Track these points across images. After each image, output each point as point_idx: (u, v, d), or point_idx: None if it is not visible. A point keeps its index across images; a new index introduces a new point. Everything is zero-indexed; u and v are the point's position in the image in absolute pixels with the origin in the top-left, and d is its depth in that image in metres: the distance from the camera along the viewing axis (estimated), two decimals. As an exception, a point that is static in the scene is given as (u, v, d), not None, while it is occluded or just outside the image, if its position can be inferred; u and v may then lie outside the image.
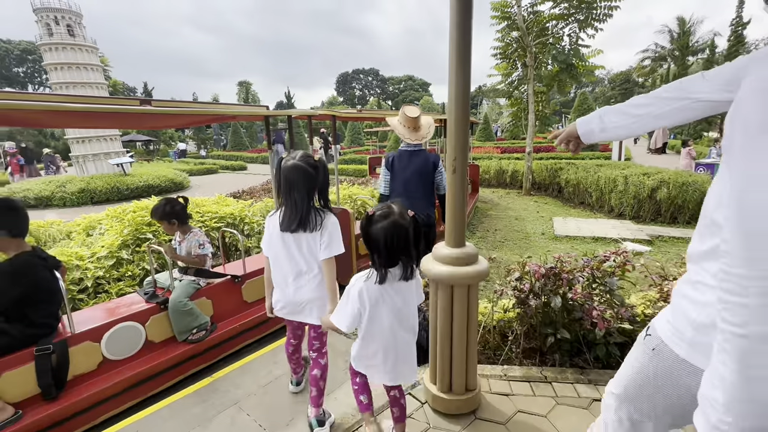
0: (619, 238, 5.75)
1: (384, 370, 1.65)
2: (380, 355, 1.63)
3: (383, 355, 1.63)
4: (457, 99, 1.81)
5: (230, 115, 2.81)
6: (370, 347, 1.65)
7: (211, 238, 4.13)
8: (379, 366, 1.65)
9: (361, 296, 1.55)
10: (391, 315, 1.60)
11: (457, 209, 1.92)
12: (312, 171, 1.77)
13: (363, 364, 1.71)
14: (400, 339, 1.63)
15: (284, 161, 1.77)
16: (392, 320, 1.60)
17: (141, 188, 11.51)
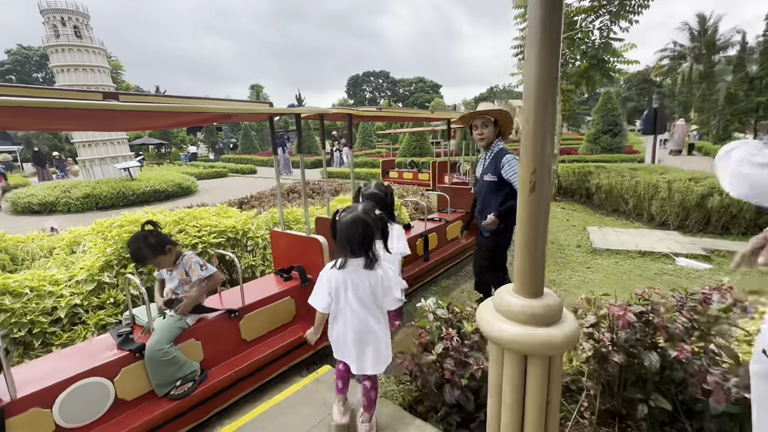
0: (671, 253, 5.07)
1: (351, 357, 1.85)
2: (349, 341, 1.83)
3: (352, 340, 1.82)
4: (538, 83, 1.23)
5: (225, 114, 2.27)
6: (335, 328, 1.89)
7: (207, 256, 3.61)
8: (351, 352, 1.85)
9: (329, 280, 1.83)
10: (354, 299, 1.80)
11: (533, 241, 1.34)
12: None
13: (339, 350, 1.93)
14: (365, 324, 1.81)
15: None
16: (357, 305, 1.80)
17: (147, 193, 11.16)
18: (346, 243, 1.77)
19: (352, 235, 1.75)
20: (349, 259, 1.80)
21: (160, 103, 1.87)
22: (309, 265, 2.99)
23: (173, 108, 1.86)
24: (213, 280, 2.39)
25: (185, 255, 2.35)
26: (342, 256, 1.81)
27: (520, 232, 1.36)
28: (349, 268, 1.80)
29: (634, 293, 2.19)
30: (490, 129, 2.95)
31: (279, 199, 3.15)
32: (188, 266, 2.32)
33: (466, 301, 3.72)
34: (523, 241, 1.36)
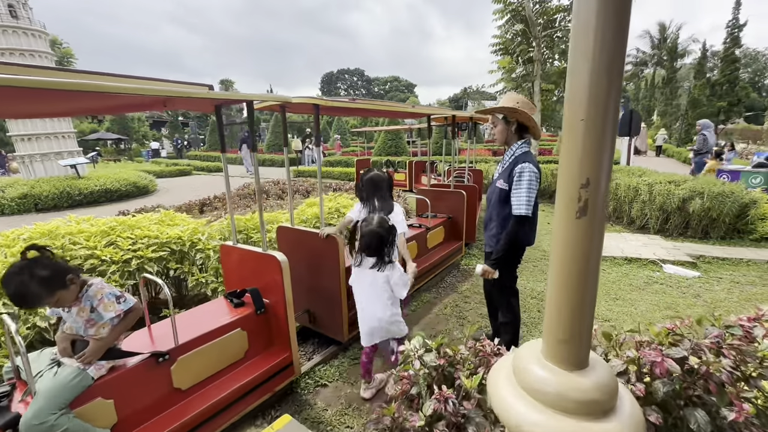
0: (657, 260, 4.87)
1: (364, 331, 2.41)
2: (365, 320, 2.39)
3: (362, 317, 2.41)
4: (597, 62, 0.79)
5: (155, 98, 1.72)
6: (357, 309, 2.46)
7: (145, 273, 3.00)
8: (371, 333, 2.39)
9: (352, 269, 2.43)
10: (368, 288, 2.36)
11: (579, 286, 0.90)
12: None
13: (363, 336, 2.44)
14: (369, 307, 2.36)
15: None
16: (368, 292, 2.36)
17: (97, 193, 10.11)
18: (365, 248, 2.27)
19: (369, 243, 2.25)
20: (366, 259, 2.30)
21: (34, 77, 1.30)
22: (265, 287, 2.46)
23: (52, 84, 1.30)
24: (131, 316, 1.82)
25: (92, 285, 1.77)
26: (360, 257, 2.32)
27: (557, 271, 0.92)
28: (363, 267, 2.32)
29: (666, 328, 1.80)
30: (501, 128, 2.46)
31: (229, 205, 2.59)
32: (96, 300, 1.74)
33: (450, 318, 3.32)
34: (561, 284, 0.92)
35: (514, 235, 2.34)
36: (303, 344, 3.20)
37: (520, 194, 2.29)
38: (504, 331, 2.72)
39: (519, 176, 2.30)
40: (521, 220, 2.30)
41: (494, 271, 2.46)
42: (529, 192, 2.27)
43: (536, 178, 2.31)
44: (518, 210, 2.29)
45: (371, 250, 2.26)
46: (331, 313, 2.94)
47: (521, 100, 2.41)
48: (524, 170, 2.29)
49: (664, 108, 24.01)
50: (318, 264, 2.93)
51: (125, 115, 30.10)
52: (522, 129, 2.45)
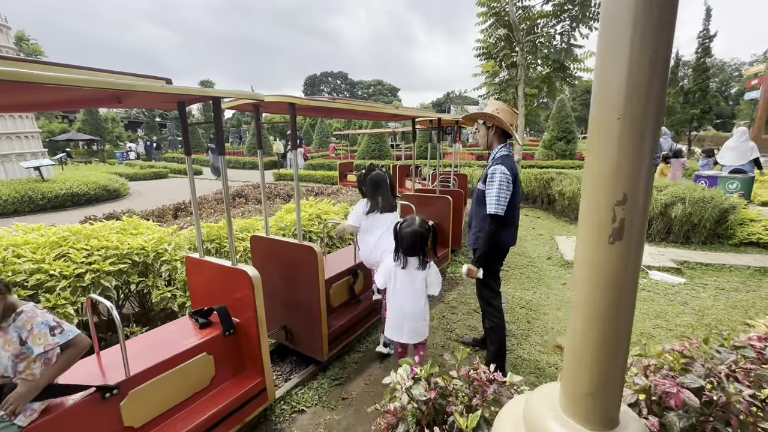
0: (643, 266, 4.83)
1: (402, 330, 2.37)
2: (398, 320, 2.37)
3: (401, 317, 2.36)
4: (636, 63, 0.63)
5: (108, 92, 1.48)
6: (390, 311, 2.40)
7: (102, 290, 2.70)
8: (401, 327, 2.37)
9: (388, 270, 2.39)
10: (406, 290, 2.34)
11: (610, 327, 0.72)
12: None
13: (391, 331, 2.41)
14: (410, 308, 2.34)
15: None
16: (407, 295, 2.34)
17: (62, 197, 9.51)
18: (410, 249, 2.29)
19: (413, 243, 2.27)
20: (410, 260, 2.32)
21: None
22: (235, 305, 2.21)
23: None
24: (71, 352, 1.55)
25: (23, 311, 1.50)
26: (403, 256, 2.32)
27: (583, 306, 0.74)
28: (410, 268, 2.33)
29: (674, 350, 1.67)
30: (482, 133, 2.61)
31: (195, 212, 2.33)
32: (26, 330, 1.47)
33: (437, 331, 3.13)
34: (587, 323, 0.74)
35: (491, 234, 2.42)
36: (279, 363, 2.96)
37: (491, 194, 2.39)
38: (489, 339, 2.68)
39: (491, 177, 2.42)
40: (494, 218, 2.39)
41: (478, 269, 2.51)
42: (500, 192, 2.36)
43: (507, 179, 2.38)
44: (489, 208, 2.38)
45: (415, 250, 2.29)
46: (309, 329, 2.71)
47: (501, 107, 2.55)
48: (496, 171, 2.40)
49: (640, 115, 24.68)
50: (295, 276, 2.70)
51: (98, 115, 28.94)
52: (505, 134, 2.58)
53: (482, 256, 2.47)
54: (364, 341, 3.22)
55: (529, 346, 3.14)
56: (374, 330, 3.38)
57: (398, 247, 2.30)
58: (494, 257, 2.58)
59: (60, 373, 1.53)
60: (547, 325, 3.49)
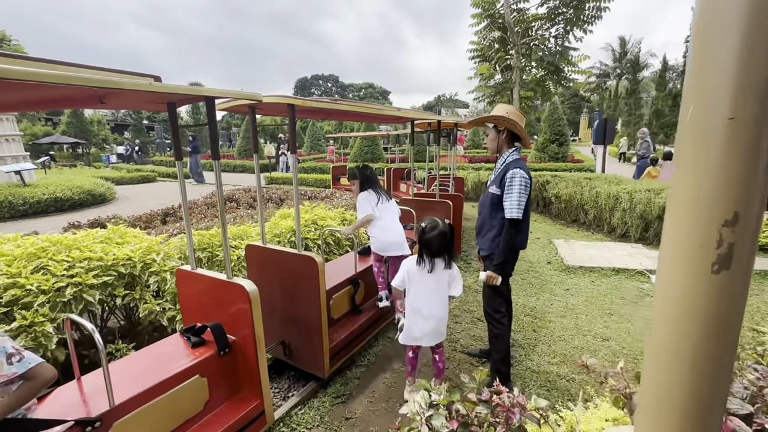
0: (645, 270, 4.78)
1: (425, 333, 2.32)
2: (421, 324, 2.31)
3: (424, 321, 2.30)
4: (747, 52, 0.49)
5: (88, 92, 1.32)
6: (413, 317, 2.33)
7: (85, 305, 2.50)
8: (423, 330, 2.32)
9: (411, 273, 2.31)
10: (433, 293, 2.30)
11: (704, 377, 0.59)
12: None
13: (410, 336, 2.36)
14: (435, 310, 2.30)
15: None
16: (434, 298, 2.30)
17: (45, 202, 9.16)
18: (437, 250, 2.25)
19: (441, 245, 2.23)
20: (436, 262, 2.27)
21: None
22: (231, 321, 2.05)
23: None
24: (30, 386, 1.36)
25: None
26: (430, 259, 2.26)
27: (671, 350, 0.61)
28: (437, 270, 2.27)
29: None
30: (492, 136, 2.54)
31: (186, 221, 2.16)
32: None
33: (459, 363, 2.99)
34: (673, 374, 0.62)
35: (510, 239, 2.36)
36: (276, 379, 2.79)
37: (512, 198, 2.32)
38: (495, 346, 2.59)
39: (510, 181, 2.34)
40: (513, 222, 2.33)
41: (498, 276, 2.44)
42: (520, 196, 2.31)
43: (526, 183, 2.34)
44: (510, 213, 2.32)
45: (442, 251, 2.28)
46: (309, 344, 2.56)
47: (510, 110, 2.46)
48: (515, 176, 2.33)
49: (628, 118, 25.09)
50: (294, 288, 2.55)
51: (84, 117, 28.29)
52: (513, 138, 2.52)
53: (503, 262, 2.40)
54: (366, 354, 3.07)
55: (537, 356, 3.02)
56: (376, 342, 3.23)
57: (424, 251, 2.26)
58: (510, 262, 2.53)
59: (17, 406, 1.34)
60: (554, 333, 3.38)
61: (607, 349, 3.12)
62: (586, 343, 3.21)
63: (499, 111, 2.44)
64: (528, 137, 2.52)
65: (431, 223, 2.27)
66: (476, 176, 10.30)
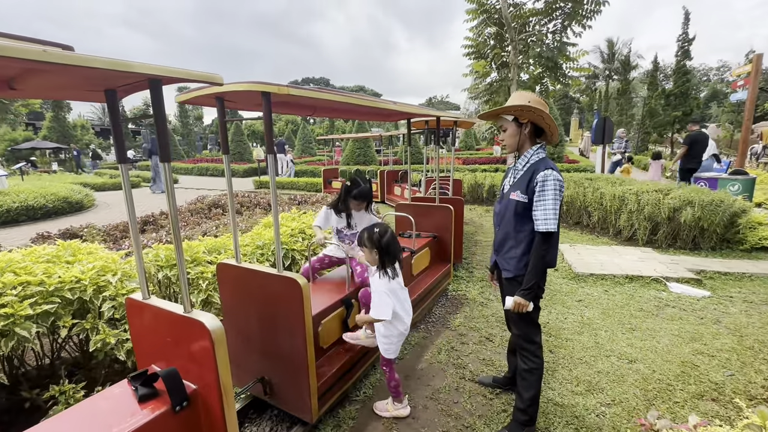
0: (660, 278, 4.43)
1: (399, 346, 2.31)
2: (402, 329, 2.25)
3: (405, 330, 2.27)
4: None
5: None
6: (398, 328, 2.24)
7: (18, 341, 2.04)
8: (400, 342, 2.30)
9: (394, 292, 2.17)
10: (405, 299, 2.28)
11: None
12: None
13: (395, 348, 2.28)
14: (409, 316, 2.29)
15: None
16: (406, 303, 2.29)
17: (16, 211, 8.57)
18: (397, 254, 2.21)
19: (398, 247, 2.22)
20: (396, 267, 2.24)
21: None
22: (190, 366, 1.62)
23: None
24: None
25: None
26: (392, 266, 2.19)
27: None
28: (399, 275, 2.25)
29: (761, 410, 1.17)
30: (511, 131, 2.07)
31: (134, 236, 1.72)
32: None
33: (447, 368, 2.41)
34: None
35: (543, 256, 1.94)
36: (256, 421, 2.36)
37: (546, 206, 1.91)
38: (526, 383, 2.12)
39: (542, 185, 1.92)
40: (547, 236, 1.93)
41: (529, 303, 1.98)
42: (555, 204, 1.91)
43: (561, 188, 1.94)
44: (545, 225, 1.90)
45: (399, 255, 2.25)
46: (293, 382, 2.13)
47: (533, 98, 2.01)
48: (548, 178, 1.92)
49: (620, 117, 25.10)
50: (274, 314, 2.13)
51: (66, 121, 27.42)
52: (536, 132, 2.08)
53: (536, 285, 1.95)
54: (362, 386, 2.65)
55: (558, 384, 2.63)
56: (373, 371, 2.82)
57: (389, 259, 2.17)
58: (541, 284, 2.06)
59: None
60: (574, 354, 3.00)
61: (636, 373, 2.74)
62: (611, 366, 2.83)
63: (519, 99, 1.99)
64: (557, 130, 2.09)
65: (382, 229, 2.19)
66: (472, 178, 9.95)
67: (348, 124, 31.93)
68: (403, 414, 2.35)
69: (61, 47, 1.08)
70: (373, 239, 2.15)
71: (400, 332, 2.26)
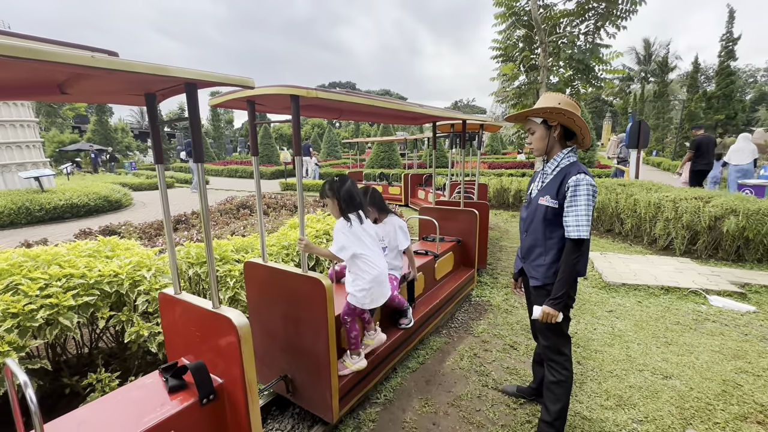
0: (700, 290, 4.19)
1: (381, 294, 2.35)
2: (377, 275, 2.28)
3: (379, 274, 2.30)
4: None
5: None
6: (370, 272, 2.26)
7: (61, 329, 2.17)
8: (379, 291, 2.33)
9: (354, 234, 2.23)
10: (372, 245, 2.30)
11: None
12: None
13: (372, 298, 2.31)
14: (383, 264, 2.34)
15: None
16: (375, 248, 2.33)
17: (61, 208, 9.14)
18: (356, 200, 2.32)
19: (357, 193, 2.34)
20: (361, 214, 2.36)
21: None
22: (217, 360, 1.67)
23: None
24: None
25: None
26: (354, 213, 2.30)
27: None
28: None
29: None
30: (540, 134, 2.00)
31: (168, 236, 1.79)
32: None
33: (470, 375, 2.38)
34: None
35: (574, 264, 1.86)
36: (278, 418, 2.40)
37: (578, 212, 1.84)
38: (553, 396, 2.04)
39: (575, 190, 1.86)
40: (578, 243, 1.85)
41: (558, 313, 1.91)
42: (588, 210, 1.85)
43: (594, 192, 1.87)
44: (578, 231, 1.83)
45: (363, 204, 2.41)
46: (315, 382, 2.15)
47: (563, 99, 1.94)
48: (580, 182, 1.85)
49: (656, 121, 23.99)
50: (298, 314, 2.16)
51: (108, 125, 29.05)
52: (566, 135, 2.01)
53: (566, 294, 1.88)
54: (383, 389, 2.64)
55: (587, 398, 2.53)
56: (394, 374, 2.81)
57: (347, 206, 2.26)
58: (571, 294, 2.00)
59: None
60: (603, 367, 2.87)
61: (672, 390, 2.59)
62: (644, 381, 2.69)
63: (548, 101, 1.93)
64: (589, 134, 2.02)
65: (341, 179, 2.31)
66: (498, 182, 9.76)
67: (373, 128, 32.18)
68: (361, 367, 2.32)
69: (107, 53, 1.15)
70: (333, 188, 2.28)
71: (373, 277, 2.26)
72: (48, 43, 1.08)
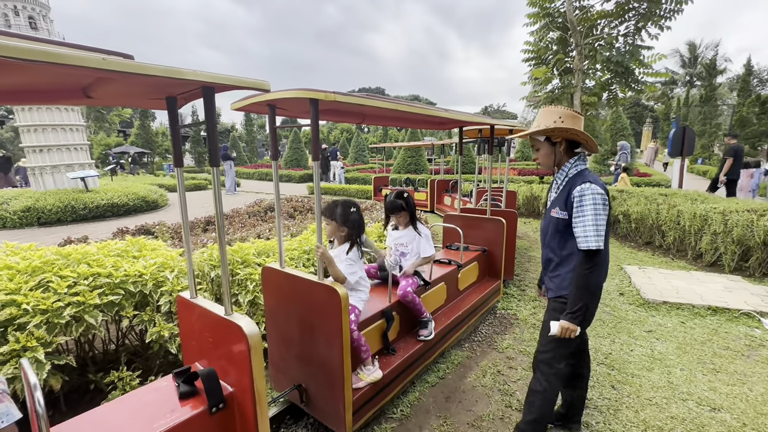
0: (753, 312, 3.81)
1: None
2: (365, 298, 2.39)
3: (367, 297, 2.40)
4: None
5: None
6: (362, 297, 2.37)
7: (87, 327, 2.23)
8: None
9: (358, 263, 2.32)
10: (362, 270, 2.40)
11: None
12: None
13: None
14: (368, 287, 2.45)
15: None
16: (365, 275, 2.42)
17: (103, 207, 9.67)
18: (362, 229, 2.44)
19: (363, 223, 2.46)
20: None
21: None
22: (227, 367, 1.64)
23: None
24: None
25: None
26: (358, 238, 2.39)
27: None
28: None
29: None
30: (545, 151, 1.99)
31: (186, 238, 1.80)
32: None
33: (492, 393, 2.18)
34: None
35: (586, 276, 1.77)
36: (292, 426, 2.35)
37: (585, 223, 1.78)
38: (530, 404, 2.00)
39: (579, 200, 1.80)
40: (590, 255, 1.77)
41: (577, 327, 1.81)
42: (596, 219, 1.76)
43: (603, 200, 1.79)
44: (586, 243, 1.76)
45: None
46: (329, 393, 2.09)
47: (563, 113, 1.90)
48: (585, 192, 1.79)
49: (702, 127, 22.53)
50: (313, 322, 2.11)
51: (150, 129, 30.70)
52: (573, 144, 1.96)
53: (584, 307, 1.79)
54: (399, 404, 2.54)
55: (621, 427, 2.32)
56: (412, 388, 2.70)
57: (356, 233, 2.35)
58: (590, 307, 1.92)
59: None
60: (641, 394, 2.64)
61: (721, 424, 2.33)
62: (688, 413, 2.44)
63: (548, 118, 1.89)
64: (594, 141, 1.90)
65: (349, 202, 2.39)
66: (528, 189, 9.43)
67: (401, 133, 32.22)
68: (376, 378, 2.25)
69: (122, 56, 1.14)
70: (345, 216, 2.30)
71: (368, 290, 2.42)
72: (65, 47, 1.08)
